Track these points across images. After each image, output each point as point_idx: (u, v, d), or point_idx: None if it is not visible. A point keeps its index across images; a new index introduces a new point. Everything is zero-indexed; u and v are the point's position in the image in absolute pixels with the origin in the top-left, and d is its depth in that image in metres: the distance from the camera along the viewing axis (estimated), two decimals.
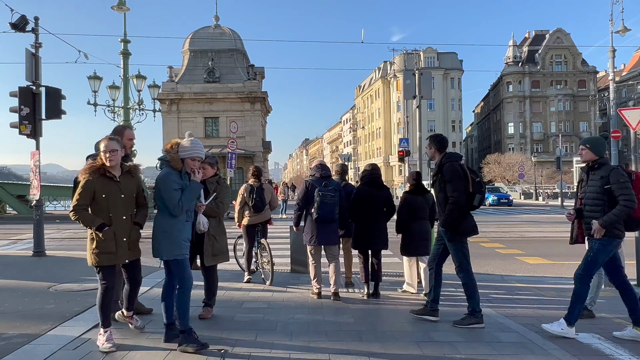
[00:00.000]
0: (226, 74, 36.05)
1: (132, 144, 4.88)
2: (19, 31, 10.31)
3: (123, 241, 3.97)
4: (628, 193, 4.31)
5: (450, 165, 4.82)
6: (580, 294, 4.56)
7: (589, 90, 68.64)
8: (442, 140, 5.12)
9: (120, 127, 5.11)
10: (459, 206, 4.73)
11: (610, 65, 24.51)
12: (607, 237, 4.40)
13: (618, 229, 4.44)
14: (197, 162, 4.08)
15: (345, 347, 4.12)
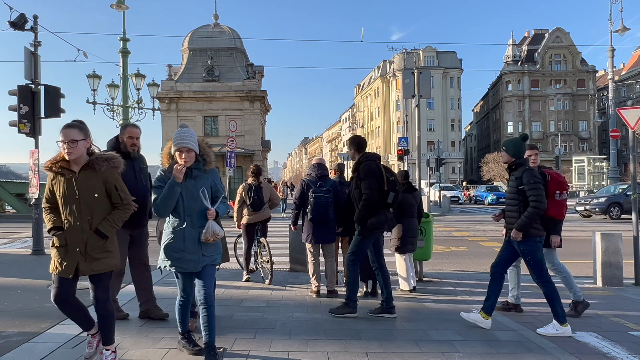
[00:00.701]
0: (225, 73, 36.02)
1: (133, 142, 4.64)
2: (18, 29, 10.30)
3: (75, 251, 3.25)
4: (537, 194, 4.46)
5: (367, 164, 5.05)
6: (551, 294, 4.69)
7: (588, 89, 68.69)
8: (359, 142, 5.37)
9: (124, 124, 4.91)
10: (369, 202, 4.94)
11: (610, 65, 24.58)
12: (526, 238, 4.57)
13: (536, 228, 4.59)
14: (185, 155, 3.48)
15: (343, 346, 4.13)
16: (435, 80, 64.85)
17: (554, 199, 4.76)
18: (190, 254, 3.52)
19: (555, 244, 5.03)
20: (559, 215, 4.83)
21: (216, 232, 3.52)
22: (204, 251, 3.55)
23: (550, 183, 4.76)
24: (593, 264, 7.24)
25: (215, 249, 3.66)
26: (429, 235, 7.09)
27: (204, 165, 3.63)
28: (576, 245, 12.02)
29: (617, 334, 4.67)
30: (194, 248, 3.52)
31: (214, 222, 3.52)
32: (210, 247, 3.61)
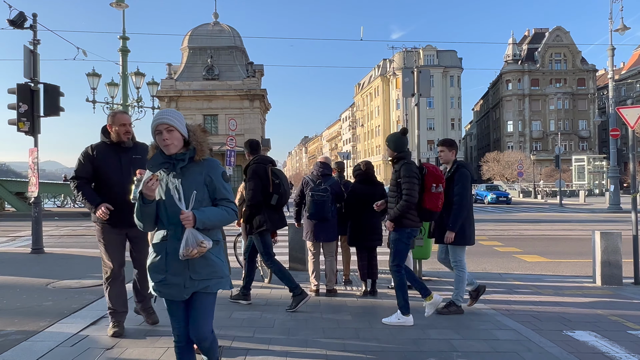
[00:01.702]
0: (225, 72, 35.99)
1: (126, 129, 4.25)
2: (17, 28, 10.28)
3: None
4: (409, 187, 4.73)
5: (254, 166, 5.34)
6: (400, 283, 4.88)
7: (588, 88, 68.70)
8: (252, 145, 5.61)
9: (112, 112, 4.40)
10: (252, 203, 5.27)
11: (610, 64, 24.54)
12: (399, 228, 4.83)
13: (409, 219, 4.83)
14: (166, 136, 2.62)
15: (342, 345, 4.13)
16: (435, 79, 64.84)
17: (430, 192, 4.94)
18: (173, 276, 2.63)
19: (448, 239, 5.11)
20: (435, 207, 4.97)
21: (200, 242, 2.54)
22: (192, 273, 2.62)
23: (427, 176, 4.93)
24: (592, 263, 7.24)
25: (212, 270, 2.68)
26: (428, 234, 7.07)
27: (193, 155, 2.68)
28: (576, 244, 12.03)
29: (616, 333, 4.67)
30: (178, 268, 2.62)
31: (193, 231, 2.54)
32: (204, 268, 2.65)
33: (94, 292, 6.02)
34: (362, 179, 6.29)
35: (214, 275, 2.69)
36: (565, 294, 6.38)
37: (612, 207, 23.98)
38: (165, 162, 2.67)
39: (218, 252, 2.75)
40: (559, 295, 6.29)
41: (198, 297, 2.68)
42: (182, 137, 2.68)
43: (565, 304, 5.85)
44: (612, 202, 24.15)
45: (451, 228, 5.07)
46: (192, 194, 2.60)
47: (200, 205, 2.65)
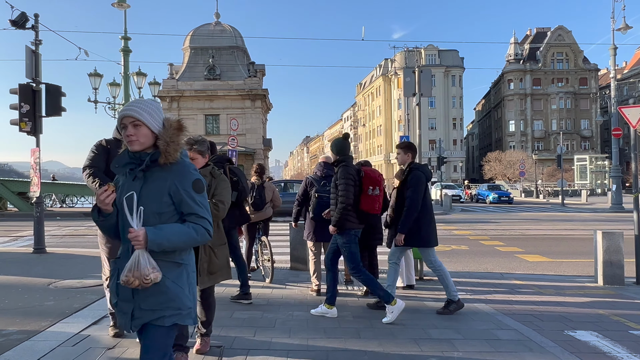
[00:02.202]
0: (227, 71, 36.01)
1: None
2: (19, 28, 10.31)
3: None
4: (343, 190, 4.87)
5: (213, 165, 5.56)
6: (366, 281, 5.02)
7: (590, 88, 68.61)
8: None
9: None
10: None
11: (612, 63, 24.49)
12: (342, 231, 4.95)
13: (350, 221, 4.95)
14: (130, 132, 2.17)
15: (343, 345, 4.13)
16: (436, 79, 64.80)
17: (367, 194, 5.05)
18: (123, 302, 2.19)
19: (398, 241, 5.19)
20: (371, 209, 5.10)
21: (143, 274, 2.02)
22: (142, 302, 2.13)
23: (365, 179, 5.05)
24: (594, 262, 7.22)
25: (166, 299, 2.13)
26: None
27: (157, 158, 2.15)
28: (577, 244, 12.01)
29: (617, 333, 4.66)
30: (127, 293, 2.16)
31: (145, 254, 2.05)
32: (156, 296, 2.12)
33: (95, 291, 6.03)
34: None
35: (169, 306, 2.13)
36: (566, 294, 6.37)
37: (614, 206, 23.93)
38: (130, 163, 2.20)
39: (177, 277, 2.17)
40: (560, 295, 6.28)
41: (148, 330, 2.18)
42: (152, 133, 2.19)
43: (566, 303, 5.84)
44: (614, 201, 24.10)
45: (400, 230, 5.16)
46: (140, 208, 2.10)
47: (160, 221, 2.14)
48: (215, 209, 3.45)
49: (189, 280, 2.24)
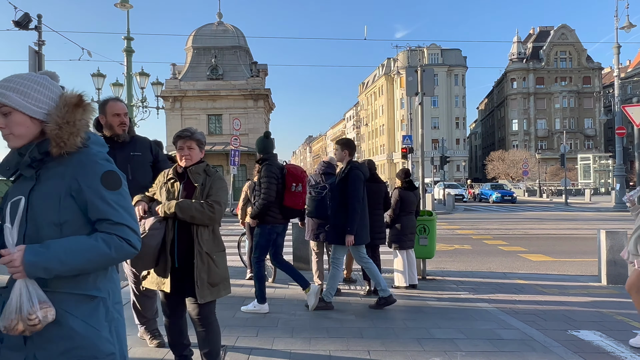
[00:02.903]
0: (229, 71, 36.04)
1: (120, 120, 3.59)
2: (22, 29, 10.36)
3: None
4: (265, 187, 5.04)
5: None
6: (259, 275, 5.22)
7: (593, 86, 68.33)
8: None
9: (102, 101, 3.73)
10: None
11: (615, 62, 24.40)
12: (260, 224, 5.16)
13: (270, 216, 5.13)
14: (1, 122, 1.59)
15: (345, 344, 4.13)
16: (439, 78, 64.68)
17: (290, 191, 5.20)
18: (10, 350, 1.55)
19: (349, 242, 5.24)
20: (295, 205, 5.25)
21: (25, 314, 1.44)
22: (38, 351, 1.52)
23: (287, 176, 5.21)
24: (598, 262, 7.20)
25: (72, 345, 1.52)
26: (433, 233, 7.09)
27: (47, 148, 1.58)
28: (581, 244, 11.97)
29: (621, 332, 4.64)
30: (14, 340, 1.53)
31: (28, 285, 1.47)
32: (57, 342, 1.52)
33: None
34: (369, 177, 6.29)
35: (78, 355, 1.52)
36: (570, 294, 6.35)
37: (618, 206, 23.84)
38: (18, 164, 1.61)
39: (89, 315, 1.56)
40: (563, 295, 6.27)
41: None
42: (32, 119, 1.58)
43: (570, 303, 5.83)
44: (618, 200, 24.01)
45: (349, 232, 5.20)
46: (15, 219, 1.51)
47: (61, 234, 1.53)
48: (211, 211, 2.93)
49: (109, 316, 1.61)
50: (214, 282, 3.04)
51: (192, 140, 3.05)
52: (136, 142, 3.68)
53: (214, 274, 3.03)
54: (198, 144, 3.09)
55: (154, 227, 2.89)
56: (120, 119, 3.57)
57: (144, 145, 3.73)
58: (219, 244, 3.12)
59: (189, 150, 3.02)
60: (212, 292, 3.05)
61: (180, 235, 2.97)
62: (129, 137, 3.63)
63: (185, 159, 3.04)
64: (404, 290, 6.38)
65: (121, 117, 3.58)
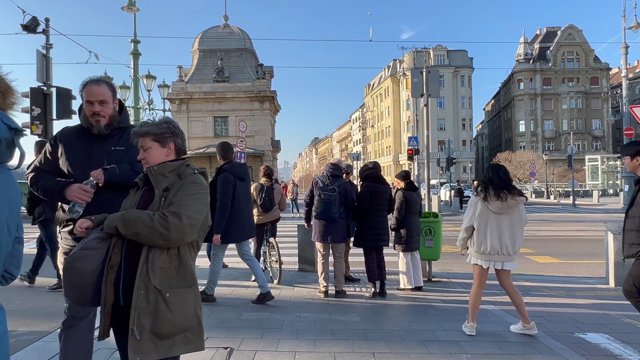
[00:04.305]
0: (235, 74, 36.18)
1: (93, 109, 2.76)
2: (30, 33, 10.46)
3: None
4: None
5: None
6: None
7: (601, 87, 67.83)
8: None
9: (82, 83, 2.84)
10: (31, 196, 5.72)
11: (623, 62, 24.20)
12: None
13: None
14: None
15: (350, 346, 4.12)
16: (445, 79, 64.52)
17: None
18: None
19: (215, 241, 5.45)
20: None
21: None
22: None
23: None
24: (605, 264, 7.15)
25: None
26: (438, 235, 7.07)
27: None
28: (589, 245, 11.88)
29: (629, 335, 4.60)
30: None
31: None
32: None
33: None
34: (373, 178, 6.31)
35: None
36: (577, 296, 6.30)
37: (626, 207, 23.63)
38: None
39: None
40: (571, 297, 6.22)
41: None
42: None
43: (577, 305, 5.78)
44: (627, 202, 23.80)
45: (215, 231, 5.34)
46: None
47: None
48: (164, 226, 2.03)
49: None
50: (163, 333, 2.08)
51: (144, 137, 2.26)
52: (122, 134, 2.86)
53: (164, 322, 2.08)
54: (155, 139, 2.26)
55: (90, 246, 2.07)
56: (92, 107, 2.75)
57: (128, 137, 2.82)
58: (184, 277, 2.16)
59: (144, 152, 2.27)
60: (158, 348, 2.08)
61: (130, 260, 2.10)
62: (107, 129, 2.80)
63: (142, 161, 2.30)
64: (410, 292, 6.36)
65: (94, 105, 2.75)
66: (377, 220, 6.10)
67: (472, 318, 4.56)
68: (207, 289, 5.70)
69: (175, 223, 2.05)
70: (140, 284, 2.06)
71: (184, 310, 2.13)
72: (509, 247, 4.37)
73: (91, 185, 2.64)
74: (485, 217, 4.39)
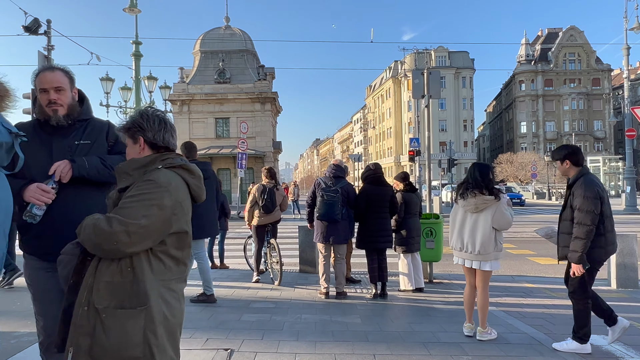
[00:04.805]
0: (237, 75, 36.20)
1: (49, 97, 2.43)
2: (32, 34, 10.48)
3: None
4: None
5: None
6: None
7: (603, 88, 67.73)
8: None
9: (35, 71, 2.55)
10: None
11: (625, 63, 24.17)
12: None
13: None
14: None
15: (351, 348, 4.11)
16: (447, 81, 64.46)
17: None
18: None
19: None
20: None
21: None
22: None
23: None
24: (607, 265, 7.12)
25: None
26: (440, 236, 7.05)
27: None
28: None
29: (631, 337, 4.57)
30: None
31: None
32: None
33: None
34: (371, 180, 6.28)
35: None
36: None
37: (628, 208, 23.57)
38: None
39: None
40: None
41: None
42: None
43: None
44: (629, 203, 23.75)
45: None
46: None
47: None
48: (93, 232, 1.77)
49: None
50: (96, 357, 1.78)
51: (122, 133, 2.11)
52: (86, 127, 2.56)
53: (99, 347, 1.77)
54: (128, 135, 2.07)
55: (66, 250, 1.91)
56: (48, 95, 2.44)
57: (96, 130, 2.59)
58: (132, 296, 1.80)
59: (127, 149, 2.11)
60: None
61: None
62: (67, 121, 2.48)
63: None
64: (411, 294, 6.35)
65: (49, 93, 2.43)
66: (374, 222, 6.07)
67: (467, 318, 4.56)
68: (205, 290, 5.72)
69: (104, 230, 1.74)
70: (82, 298, 1.79)
71: (125, 337, 1.76)
72: (469, 246, 4.38)
73: (52, 186, 2.28)
74: (454, 214, 4.56)
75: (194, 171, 2.02)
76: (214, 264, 8.37)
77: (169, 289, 1.89)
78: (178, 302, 1.93)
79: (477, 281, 4.45)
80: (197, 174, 2.03)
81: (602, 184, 4.21)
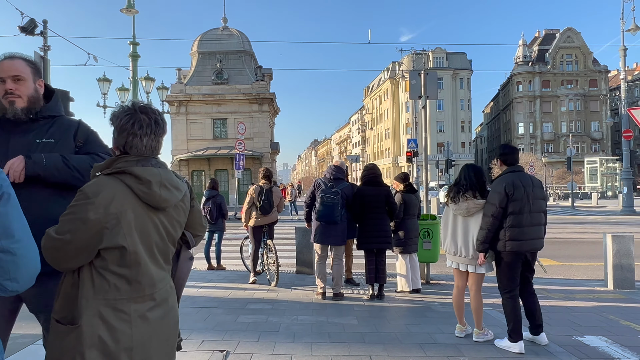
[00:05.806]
0: (234, 76, 36.17)
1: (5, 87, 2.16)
2: (28, 34, 10.44)
3: None
4: None
5: None
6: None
7: (600, 89, 67.91)
8: None
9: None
10: None
11: (622, 64, 24.25)
12: None
13: None
14: None
15: (347, 349, 4.10)
16: (444, 82, 64.57)
17: None
18: None
19: None
20: None
21: None
22: None
23: None
24: (604, 266, 7.13)
25: None
26: (437, 237, 7.04)
27: None
28: (588, 248, 11.86)
29: (627, 338, 4.58)
30: None
31: None
32: None
33: None
34: (367, 180, 6.27)
35: None
36: (576, 298, 6.28)
37: (625, 209, 23.63)
38: None
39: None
40: (569, 300, 6.20)
41: None
42: None
43: (575, 308, 5.76)
44: (626, 204, 23.80)
45: None
46: None
47: None
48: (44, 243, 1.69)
49: None
50: None
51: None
52: (51, 125, 2.28)
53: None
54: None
55: None
56: (4, 85, 2.17)
57: (63, 128, 2.29)
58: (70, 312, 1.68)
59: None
60: None
61: None
62: (25, 114, 2.19)
63: None
64: (408, 295, 6.34)
65: (6, 82, 2.16)
66: (370, 223, 6.05)
67: (458, 320, 4.55)
68: None
69: (42, 245, 1.64)
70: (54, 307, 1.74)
71: (59, 354, 1.66)
72: (462, 250, 4.37)
73: None
74: (446, 217, 4.52)
75: (140, 176, 1.71)
76: (211, 265, 8.35)
77: (114, 309, 1.66)
78: (127, 324, 1.67)
79: (471, 284, 4.44)
80: (144, 179, 1.71)
81: (525, 184, 4.19)
